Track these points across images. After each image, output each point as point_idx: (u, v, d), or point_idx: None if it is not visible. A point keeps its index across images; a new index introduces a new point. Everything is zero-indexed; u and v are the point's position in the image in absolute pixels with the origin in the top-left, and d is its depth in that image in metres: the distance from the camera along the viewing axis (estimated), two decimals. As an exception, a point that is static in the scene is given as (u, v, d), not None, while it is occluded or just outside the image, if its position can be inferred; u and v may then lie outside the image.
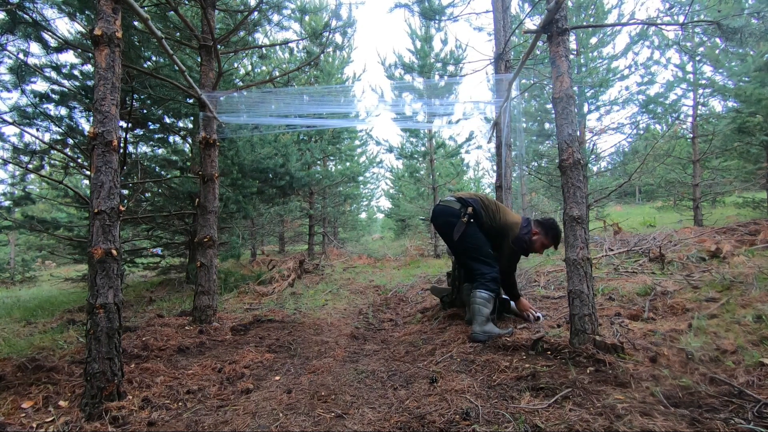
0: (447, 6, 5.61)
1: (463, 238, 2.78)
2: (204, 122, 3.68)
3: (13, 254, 14.32)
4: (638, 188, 20.28)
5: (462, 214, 2.82)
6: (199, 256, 3.66)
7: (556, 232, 2.95)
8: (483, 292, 2.67)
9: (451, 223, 2.82)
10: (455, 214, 2.84)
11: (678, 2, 6.73)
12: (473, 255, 2.79)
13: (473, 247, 2.79)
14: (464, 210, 2.83)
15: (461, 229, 2.79)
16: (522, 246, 2.86)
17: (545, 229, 2.96)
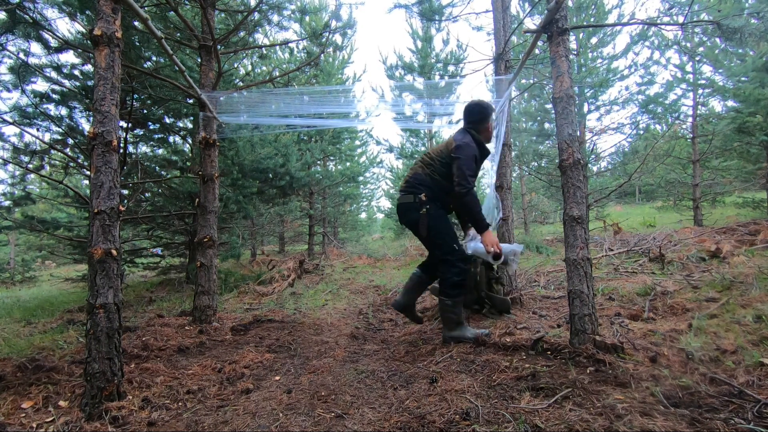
0: (446, 6, 5.62)
1: (429, 232, 2.60)
2: (204, 122, 3.68)
3: (13, 254, 14.32)
4: (638, 188, 20.28)
5: (418, 206, 2.60)
6: (199, 256, 3.66)
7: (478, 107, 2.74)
8: (446, 300, 2.59)
9: (415, 219, 2.62)
10: (414, 208, 2.63)
11: (678, 2, 6.73)
12: (438, 252, 2.65)
13: (439, 244, 2.62)
14: (418, 200, 2.60)
15: (425, 222, 2.59)
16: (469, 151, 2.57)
17: (472, 115, 2.75)
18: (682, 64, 8.64)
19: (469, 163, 2.53)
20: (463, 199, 2.51)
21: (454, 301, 2.58)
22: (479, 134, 2.73)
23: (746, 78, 7.22)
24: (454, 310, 2.58)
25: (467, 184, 2.50)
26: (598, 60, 9.27)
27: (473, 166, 2.56)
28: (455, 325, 2.59)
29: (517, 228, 11.48)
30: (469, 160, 2.54)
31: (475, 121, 2.75)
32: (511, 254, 3.32)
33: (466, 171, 2.51)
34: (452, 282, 2.58)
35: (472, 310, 3.36)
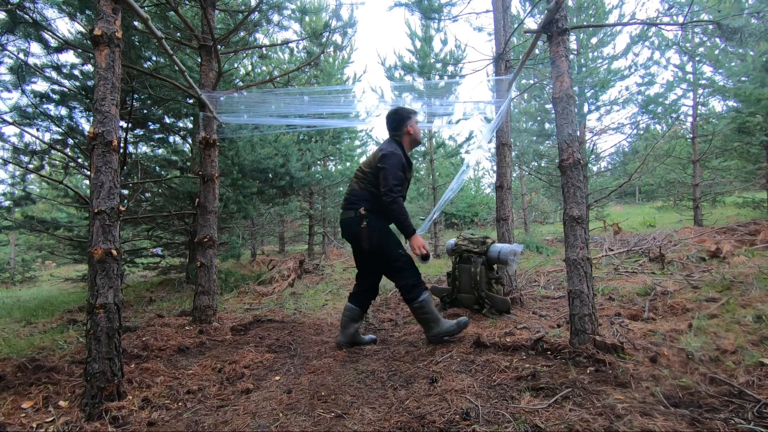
0: (446, 5, 5.61)
1: (371, 245, 2.62)
2: (204, 122, 3.68)
3: (13, 254, 14.32)
4: (638, 188, 20.28)
5: (359, 220, 2.61)
6: (199, 256, 3.66)
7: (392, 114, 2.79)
8: (414, 303, 2.60)
9: (356, 233, 2.64)
10: (354, 223, 2.64)
11: (678, 2, 6.73)
12: (387, 264, 2.66)
13: (384, 254, 2.64)
14: (358, 214, 2.62)
15: (365, 235, 2.61)
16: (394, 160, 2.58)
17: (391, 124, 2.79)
18: (682, 64, 8.64)
19: (394, 172, 2.56)
20: (389, 208, 2.54)
21: (421, 301, 2.59)
22: (402, 140, 2.77)
23: (746, 78, 7.23)
24: (425, 308, 2.59)
25: (392, 193, 2.52)
26: (599, 60, 9.26)
27: (399, 175, 2.58)
28: (433, 323, 2.61)
29: (517, 228, 11.48)
30: (394, 168, 2.57)
31: (395, 128, 2.79)
32: (511, 254, 3.32)
33: (392, 180, 2.54)
34: (409, 284, 2.61)
35: (472, 310, 3.36)
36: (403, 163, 2.64)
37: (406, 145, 2.80)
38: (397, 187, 2.54)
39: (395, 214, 2.56)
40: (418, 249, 2.61)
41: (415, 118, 2.84)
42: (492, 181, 16.85)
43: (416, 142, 2.87)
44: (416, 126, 2.83)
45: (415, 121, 2.83)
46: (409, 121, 2.79)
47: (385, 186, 2.54)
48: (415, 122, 2.83)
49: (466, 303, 3.43)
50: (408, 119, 2.79)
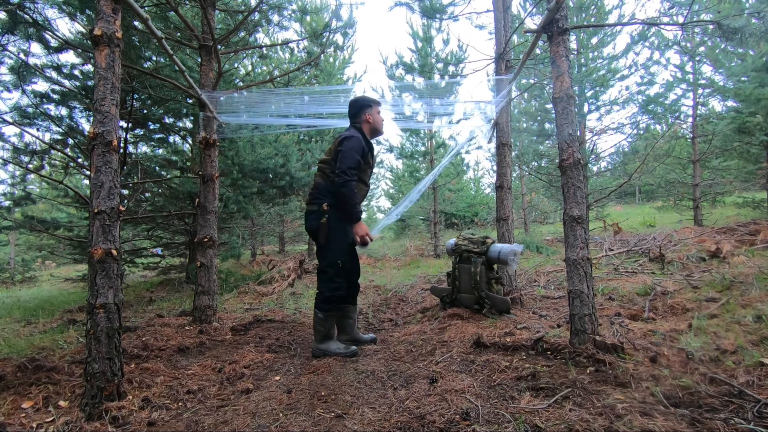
0: (448, 5, 5.61)
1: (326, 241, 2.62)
2: (204, 122, 3.68)
3: (13, 254, 14.32)
4: (638, 188, 20.28)
5: (320, 215, 2.61)
6: (199, 256, 3.66)
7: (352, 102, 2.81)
8: (318, 313, 2.61)
9: (315, 227, 2.64)
10: (316, 217, 2.64)
11: (678, 2, 6.73)
12: (323, 262, 2.66)
13: (326, 254, 2.64)
14: (320, 208, 2.61)
15: (324, 231, 2.60)
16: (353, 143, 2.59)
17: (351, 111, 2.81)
18: (682, 64, 8.64)
19: (351, 155, 2.55)
20: (340, 190, 2.52)
21: (326, 314, 2.60)
22: (362, 127, 2.78)
23: (746, 78, 7.23)
24: (324, 323, 2.60)
25: (344, 175, 2.50)
26: (599, 60, 9.26)
27: (356, 158, 2.56)
28: (323, 338, 2.61)
29: (517, 228, 11.48)
30: (351, 151, 2.56)
31: (353, 115, 2.82)
32: (511, 254, 3.32)
33: (346, 162, 2.52)
34: (325, 297, 2.60)
35: (472, 310, 3.36)
36: (363, 147, 2.63)
37: (367, 133, 2.80)
38: (351, 170, 2.52)
39: (345, 197, 2.53)
40: (362, 234, 2.61)
41: (377, 108, 2.84)
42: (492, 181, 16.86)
43: (376, 131, 2.86)
44: (377, 116, 2.83)
45: (376, 111, 2.83)
46: (369, 110, 2.80)
47: (338, 168, 2.53)
48: (377, 112, 2.84)
49: (466, 303, 3.43)
50: (367, 107, 2.80)
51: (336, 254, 2.62)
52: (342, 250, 2.64)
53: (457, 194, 15.42)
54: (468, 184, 17.64)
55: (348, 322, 2.80)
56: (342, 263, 2.62)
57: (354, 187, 2.53)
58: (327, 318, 2.61)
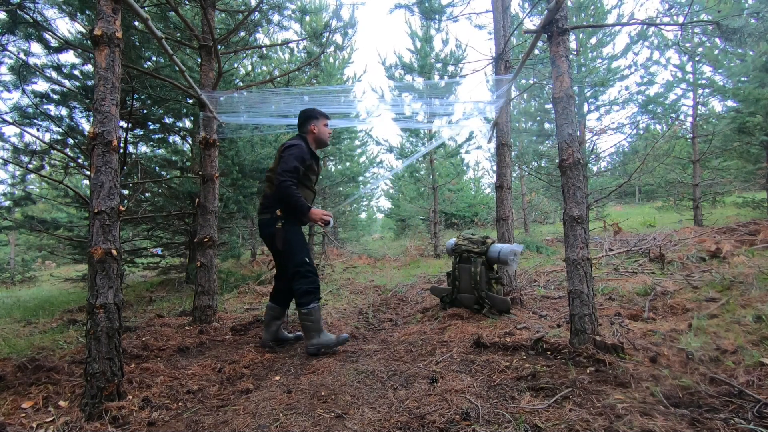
0: (447, 6, 5.61)
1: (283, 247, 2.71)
2: (204, 122, 3.68)
3: (13, 254, 14.32)
4: (638, 188, 20.28)
5: (274, 221, 2.72)
6: (199, 256, 3.66)
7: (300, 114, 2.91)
8: (302, 309, 2.67)
9: (271, 234, 2.74)
10: (270, 224, 2.74)
11: (677, 2, 6.73)
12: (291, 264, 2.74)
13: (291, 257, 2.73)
14: (274, 215, 2.72)
15: (281, 236, 2.70)
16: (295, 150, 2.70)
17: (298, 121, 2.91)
18: (682, 64, 8.64)
19: (290, 160, 2.65)
20: (279, 190, 2.61)
21: (309, 308, 2.66)
22: (307, 137, 2.88)
23: (746, 78, 7.23)
24: (311, 317, 2.66)
25: (284, 176, 2.59)
26: (598, 60, 9.26)
27: (294, 163, 2.65)
28: (314, 333, 2.66)
29: (517, 228, 11.48)
30: (291, 157, 2.66)
31: (300, 125, 2.93)
32: (511, 254, 3.32)
33: (285, 165, 2.63)
34: (304, 290, 2.67)
35: (472, 309, 3.36)
36: (304, 155, 2.73)
37: (311, 142, 2.90)
38: (287, 173, 2.61)
39: (287, 197, 2.62)
40: (320, 217, 2.71)
41: (324, 120, 2.94)
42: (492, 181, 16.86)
43: (321, 141, 2.95)
44: (323, 128, 2.93)
45: (322, 123, 2.93)
46: (315, 122, 2.90)
47: (279, 170, 2.63)
48: (323, 124, 2.94)
49: (466, 303, 3.43)
50: (312, 119, 2.90)
51: (301, 253, 2.72)
52: (304, 248, 2.76)
53: (457, 194, 15.42)
54: (468, 184, 17.65)
55: (275, 323, 2.89)
56: (309, 259, 2.74)
57: (292, 186, 2.62)
58: (312, 311, 2.66)
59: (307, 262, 2.72)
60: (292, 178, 2.63)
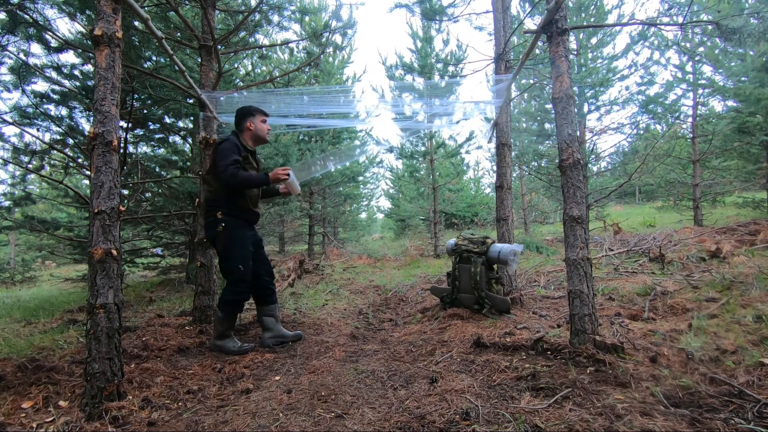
0: (447, 6, 5.61)
1: (223, 249, 2.71)
2: (204, 122, 3.68)
3: (13, 254, 14.32)
4: (638, 188, 20.27)
5: (216, 223, 2.70)
6: (199, 256, 3.66)
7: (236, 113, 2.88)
8: (219, 312, 2.72)
9: (214, 236, 2.73)
10: (212, 226, 2.73)
11: (677, 3, 6.73)
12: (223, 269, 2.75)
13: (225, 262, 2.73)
14: (215, 218, 2.70)
15: (222, 239, 2.69)
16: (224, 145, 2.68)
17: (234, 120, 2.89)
18: (682, 64, 8.64)
19: (224, 153, 2.62)
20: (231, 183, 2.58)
21: (223, 315, 2.71)
22: (242, 135, 2.87)
23: (746, 78, 7.23)
24: (223, 323, 2.71)
25: (227, 170, 2.56)
26: (598, 60, 9.26)
27: (232, 156, 2.62)
28: (219, 335, 2.73)
29: (517, 228, 11.48)
30: (226, 152, 2.63)
31: (236, 123, 2.92)
32: (511, 254, 3.32)
33: (222, 161, 2.59)
34: (226, 299, 2.71)
35: (472, 309, 3.36)
36: (237, 148, 2.70)
37: (248, 140, 2.90)
38: (230, 165, 2.57)
39: (241, 184, 2.61)
40: (280, 174, 2.67)
41: (260, 116, 2.92)
42: (492, 181, 16.86)
43: (258, 138, 2.94)
44: (259, 124, 2.90)
45: (259, 120, 2.90)
46: (251, 118, 2.88)
47: (218, 168, 2.60)
48: (260, 120, 2.91)
49: (466, 303, 3.43)
50: (249, 116, 2.88)
51: (236, 260, 2.70)
52: (241, 254, 2.73)
53: (457, 194, 15.42)
54: (468, 184, 17.66)
55: (270, 320, 2.91)
56: (243, 267, 2.71)
57: (237, 171, 2.58)
58: (225, 319, 2.71)
59: (241, 271, 2.70)
60: (235, 167, 2.59)
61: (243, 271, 2.71)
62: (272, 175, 2.68)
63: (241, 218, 2.78)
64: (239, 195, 2.75)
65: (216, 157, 2.67)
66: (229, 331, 2.76)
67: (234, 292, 2.71)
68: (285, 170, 2.70)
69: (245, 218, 2.82)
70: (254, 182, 2.67)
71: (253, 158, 2.91)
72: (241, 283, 2.71)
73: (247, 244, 2.80)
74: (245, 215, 2.82)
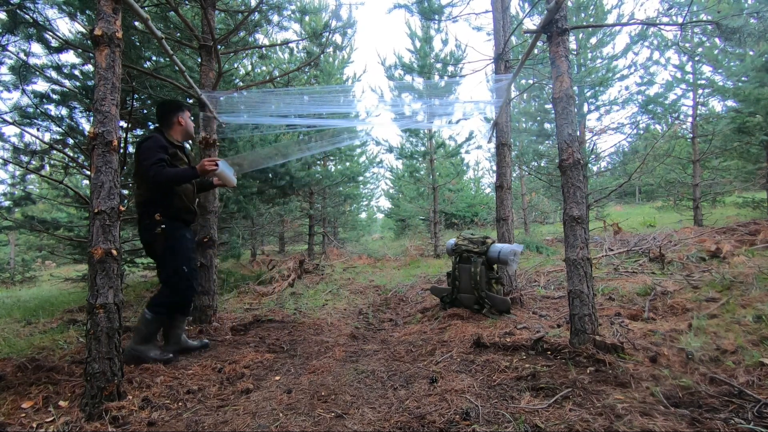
0: (446, 6, 5.61)
1: (165, 251, 2.58)
2: (204, 122, 3.68)
3: (13, 254, 14.32)
4: (638, 188, 20.28)
5: (153, 226, 2.56)
6: (199, 256, 3.66)
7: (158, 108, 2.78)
8: (147, 314, 2.54)
9: (150, 240, 2.58)
10: (148, 229, 2.57)
11: (677, 3, 6.73)
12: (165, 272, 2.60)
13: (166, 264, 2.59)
14: (151, 220, 2.56)
15: (161, 242, 2.56)
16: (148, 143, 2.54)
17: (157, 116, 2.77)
18: (681, 64, 8.64)
19: (150, 153, 2.51)
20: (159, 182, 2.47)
21: (154, 318, 2.54)
22: (167, 131, 2.76)
23: (746, 78, 7.23)
24: (150, 326, 2.54)
25: (152, 169, 2.45)
26: (598, 60, 9.27)
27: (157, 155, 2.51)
28: (142, 340, 2.52)
29: (517, 228, 11.48)
30: (150, 150, 2.52)
31: (162, 117, 2.80)
32: (511, 254, 3.32)
33: (148, 160, 2.48)
34: (161, 302, 2.56)
35: (472, 309, 3.37)
36: (160, 145, 2.57)
37: (176, 135, 2.79)
38: (155, 165, 2.46)
39: (169, 181, 2.50)
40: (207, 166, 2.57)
41: (187, 112, 2.84)
42: (492, 181, 16.87)
43: (188, 133, 2.86)
44: (188, 119, 2.83)
45: (188, 115, 2.83)
46: (182, 114, 2.80)
47: (143, 168, 2.47)
48: (187, 116, 2.83)
49: (466, 303, 3.43)
50: (179, 111, 2.79)
51: (179, 261, 2.59)
52: (183, 255, 2.63)
53: (457, 194, 15.42)
54: (468, 184, 17.66)
55: (176, 332, 2.74)
56: (187, 268, 2.61)
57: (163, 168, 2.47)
58: (153, 321, 2.54)
59: (184, 272, 2.58)
60: (159, 166, 2.47)
61: (187, 271, 2.61)
62: (199, 167, 2.56)
63: (180, 219, 2.67)
64: (174, 194, 2.63)
65: (140, 156, 2.52)
66: (153, 336, 2.57)
67: (172, 296, 2.58)
68: (212, 161, 2.58)
69: (183, 219, 2.71)
70: (181, 177, 2.55)
71: (183, 153, 2.79)
72: (182, 285, 2.60)
73: (189, 244, 2.70)
74: (183, 215, 2.70)
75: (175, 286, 2.59)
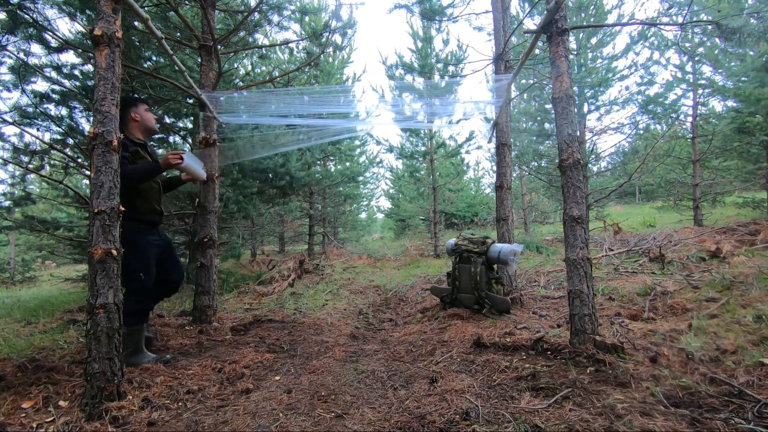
0: (447, 6, 5.61)
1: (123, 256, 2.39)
2: (204, 122, 3.68)
3: (13, 254, 14.32)
4: (638, 188, 20.28)
5: None
6: (199, 256, 3.66)
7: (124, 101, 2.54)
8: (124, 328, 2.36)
9: None
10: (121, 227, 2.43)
11: (677, 3, 6.73)
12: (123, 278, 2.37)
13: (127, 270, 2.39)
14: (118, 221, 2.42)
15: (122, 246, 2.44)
16: None
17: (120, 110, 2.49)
18: (682, 64, 8.65)
19: None
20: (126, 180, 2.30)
21: (130, 329, 2.47)
22: (125, 129, 2.62)
23: (746, 78, 7.23)
24: (131, 338, 2.48)
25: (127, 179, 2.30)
26: (598, 60, 9.27)
27: None
28: (131, 352, 2.48)
29: (517, 228, 11.49)
30: None
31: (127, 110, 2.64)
32: (511, 254, 3.32)
33: None
34: (129, 310, 2.44)
35: (472, 309, 3.36)
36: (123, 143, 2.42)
37: (135, 132, 2.67)
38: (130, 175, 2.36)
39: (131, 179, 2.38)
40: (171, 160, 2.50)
41: (143, 105, 2.70)
42: (492, 181, 16.87)
43: (147, 129, 2.73)
44: (144, 113, 2.69)
45: (143, 109, 2.69)
46: (134, 108, 2.65)
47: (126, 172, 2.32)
48: (144, 110, 2.69)
49: (466, 303, 3.43)
50: (131, 106, 2.64)
51: (136, 266, 2.49)
52: (141, 260, 2.53)
53: (457, 194, 15.42)
54: (468, 184, 17.66)
55: None
56: (144, 275, 2.52)
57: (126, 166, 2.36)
58: (132, 332, 2.49)
59: (142, 279, 2.50)
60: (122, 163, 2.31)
61: (144, 279, 2.50)
62: (163, 161, 2.48)
63: (143, 221, 2.58)
64: (136, 194, 2.53)
65: None
66: (140, 344, 2.52)
67: (135, 301, 2.49)
68: (176, 154, 2.49)
69: (147, 221, 2.62)
70: (144, 173, 2.45)
71: (145, 150, 2.69)
72: (142, 292, 2.52)
73: (149, 249, 2.58)
74: (147, 217, 2.61)
75: (134, 292, 2.50)
